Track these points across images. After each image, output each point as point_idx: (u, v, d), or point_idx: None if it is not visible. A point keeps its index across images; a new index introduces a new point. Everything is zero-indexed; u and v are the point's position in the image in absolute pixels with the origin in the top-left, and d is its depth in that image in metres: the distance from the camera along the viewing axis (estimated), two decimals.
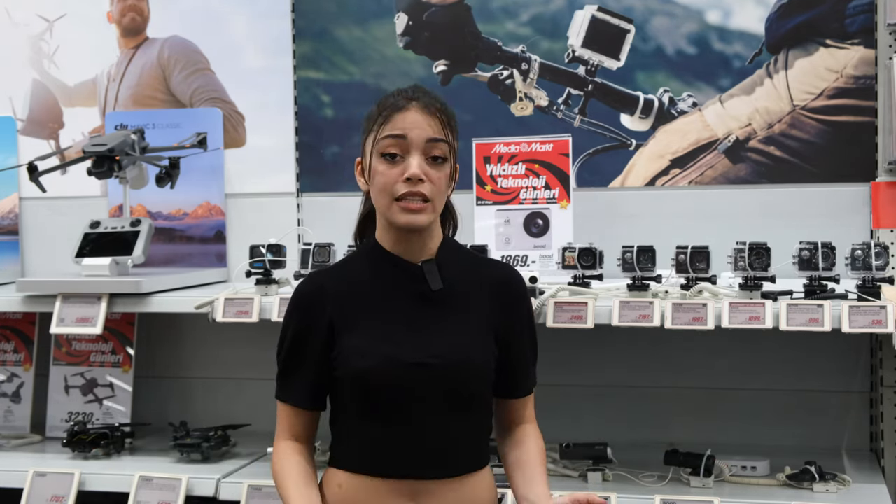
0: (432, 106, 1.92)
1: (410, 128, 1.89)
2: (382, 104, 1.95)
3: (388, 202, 1.90)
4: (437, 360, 1.89)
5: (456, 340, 1.93)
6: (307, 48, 3.21)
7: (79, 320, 2.74)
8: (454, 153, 1.96)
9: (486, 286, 1.99)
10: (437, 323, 1.93)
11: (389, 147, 1.90)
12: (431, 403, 1.89)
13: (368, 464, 1.92)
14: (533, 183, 2.83)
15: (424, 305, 1.94)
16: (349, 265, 2.03)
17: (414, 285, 1.94)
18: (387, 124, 1.91)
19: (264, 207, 3.23)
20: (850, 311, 2.26)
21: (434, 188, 1.90)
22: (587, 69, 3.02)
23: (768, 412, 2.88)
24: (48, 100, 3.44)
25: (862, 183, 2.82)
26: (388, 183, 1.89)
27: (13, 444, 3.08)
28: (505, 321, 1.99)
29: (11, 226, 3.44)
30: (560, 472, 2.61)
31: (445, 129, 1.93)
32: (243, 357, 3.20)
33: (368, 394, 1.90)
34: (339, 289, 1.96)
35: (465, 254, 2.06)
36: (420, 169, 1.88)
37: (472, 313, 1.96)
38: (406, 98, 1.92)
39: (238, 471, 2.73)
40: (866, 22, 2.82)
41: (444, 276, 1.95)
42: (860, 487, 2.47)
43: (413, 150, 1.89)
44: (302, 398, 1.97)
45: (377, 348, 1.90)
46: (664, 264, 2.49)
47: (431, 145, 1.90)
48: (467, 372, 1.92)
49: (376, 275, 1.96)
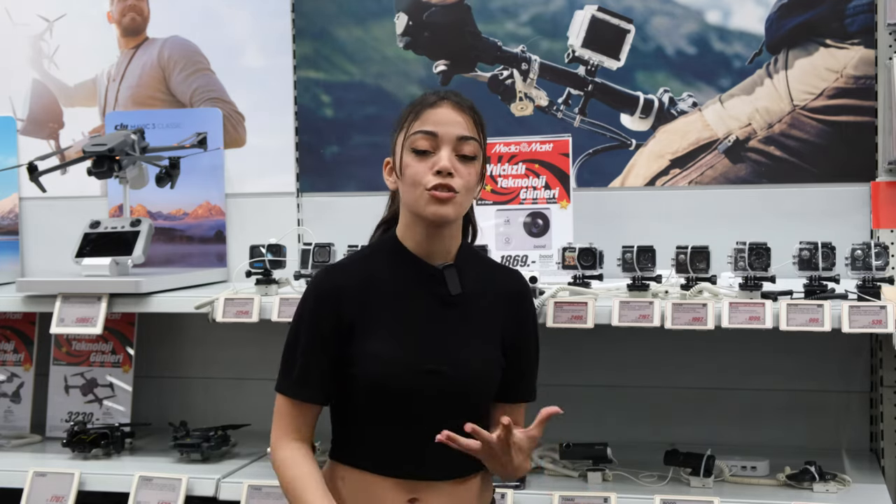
0: (464, 104, 1.94)
1: (441, 124, 1.91)
2: (414, 102, 1.97)
3: (419, 193, 1.89)
4: (449, 369, 1.91)
5: (469, 348, 1.93)
6: (307, 48, 3.21)
7: (79, 320, 2.74)
8: (484, 154, 1.97)
9: (499, 295, 2.00)
10: (452, 328, 1.94)
11: (420, 142, 1.91)
12: (439, 407, 1.90)
13: (372, 461, 1.93)
14: (533, 183, 2.83)
15: (442, 309, 1.94)
16: (368, 261, 2.00)
17: (433, 288, 1.95)
18: (417, 120, 1.92)
19: (264, 207, 3.23)
20: (850, 311, 2.26)
21: (463, 183, 1.90)
22: (587, 69, 3.02)
23: (768, 412, 2.88)
24: (48, 100, 3.44)
25: (862, 183, 2.82)
26: (418, 174, 1.90)
27: (13, 444, 3.08)
28: (514, 332, 2.00)
29: (11, 226, 3.44)
30: (560, 472, 2.61)
31: (476, 129, 1.94)
32: (243, 357, 3.20)
33: (379, 395, 1.90)
34: (360, 287, 1.95)
35: (481, 260, 2.07)
36: (450, 162, 1.89)
37: (485, 321, 1.97)
38: (438, 96, 1.94)
39: (238, 471, 2.73)
40: (866, 22, 2.82)
41: (462, 282, 1.96)
42: (860, 487, 2.47)
43: (443, 146, 1.90)
44: (312, 394, 1.95)
45: (394, 353, 1.90)
46: (664, 264, 2.49)
47: (462, 143, 1.91)
48: (477, 381, 1.94)
49: (396, 274, 1.96)
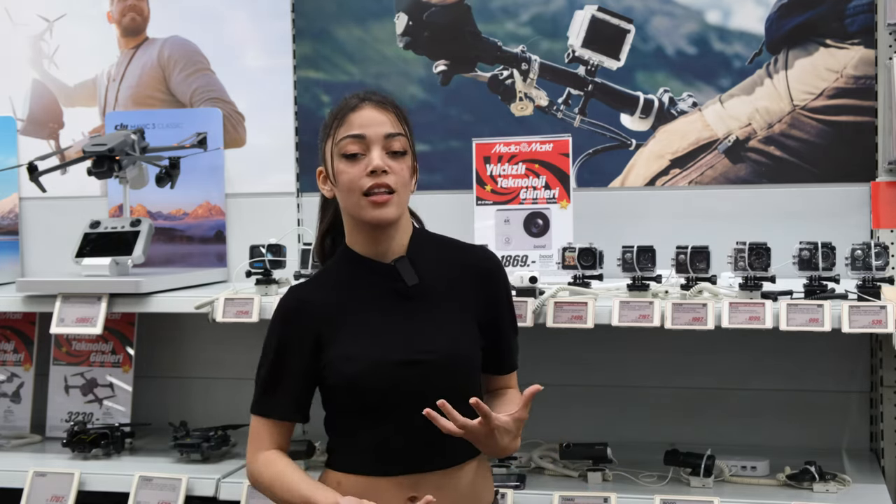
0: (386, 102, 1.97)
1: (367, 125, 1.93)
2: (336, 108, 1.98)
3: (357, 199, 1.92)
4: (424, 356, 1.91)
5: (441, 333, 1.94)
6: (307, 48, 3.21)
7: (79, 320, 2.74)
8: (412, 148, 1.99)
9: (463, 271, 2.01)
10: (419, 318, 1.95)
11: (349, 146, 1.92)
12: (423, 398, 1.89)
13: (367, 464, 1.93)
14: (533, 183, 2.83)
15: (405, 302, 1.96)
16: (326, 275, 2.04)
17: (391, 284, 1.96)
18: (343, 125, 1.94)
19: (264, 207, 3.23)
20: (850, 311, 2.26)
21: (398, 179, 1.93)
22: (587, 69, 3.02)
23: (768, 412, 2.88)
24: (48, 100, 3.44)
25: (862, 183, 2.82)
26: (353, 179, 1.92)
27: (13, 444, 3.08)
28: (485, 304, 2.01)
29: (11, 226, 3.44)
30: (560, 472, 2.61)
31: (402, 123, 1.96)
32: (243, 357, 3.16)
33: (360, 397, 1.91)
34: (321, 300, 1.98)
35: (438, 242, 2.07)
36: (382, 161, 1.91)
37: (453, 302, 1.98)
38: (359, 98, 1.96)
39: (238, 471, 2.72)
40: (866, 22, 2.82)
41: (418, 270, 1.97)
42: (860, 487, 2.47)
43: (373, 147, 1.92)
44: (287, 411, 1.99)
45: (364, 352, 1.92)
46: (664, 264, 2.49)
47: (390, 140, 1.93)
48: (455, 364, 1.94)
49: (354, 280, 1.98)
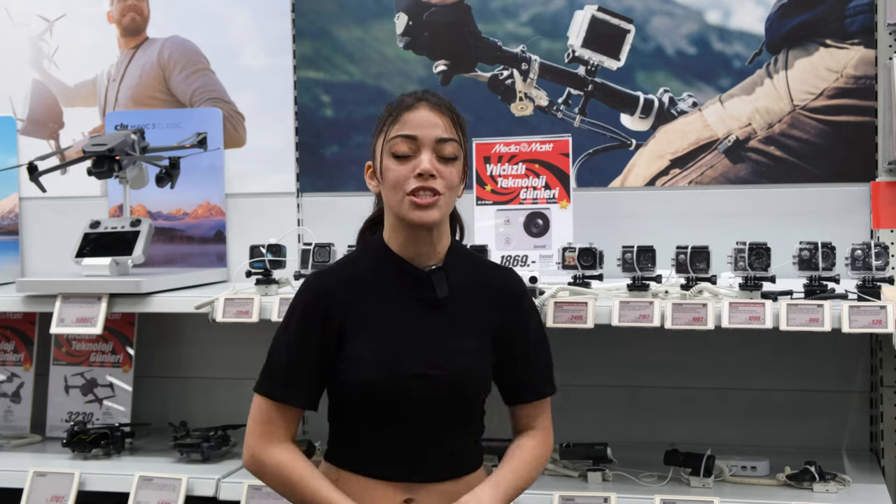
0: (442, 105, 1.93)
1: (421, 126, 1.89)
2: (392, 105, 1.95)
3: (401, 198, 1.89)
4: (438, 371, 1.90)
5: (457, 350, 1.93)
6: (307, 48, 3.21)
7: (79, 320, 2.74)
8: (465, 154, 1.96)
9: (492, 295, 1.99)
10: (440, 330, 1.93)
11: (400, 146, 1.89)
12: (430, 410, 1.90)
13: (366, 465, 1.93)
14: (533, 183, 2.83)
15: (429, 312, 1.94)
16: (356, 265, 2.00)
17: (420, 291, 1.94)
18: (396, 124, 1.91)
19: (264, 207, 3.23)
20: (850, 311, 2.26)
21: (445, 184, 1.89)
22: (587, 69, 3.02)
23: (768, 412, 2.88)
24: (48, 100, 3.44)
25: (862, 183, 2.82)
26: (399, 178, 1.88)
27: (13, 444, 3.08)
28: (505, 326, 1.99)
29: (11, 226, 3.44)
30: (560, 473, 2.61)
31: (455, 129, 1.93)
32: (243, 357, 3.18)
33: (370, 402, 1.90)
34: (347, 291, 1.95)
35: (471, 258, 2.06)
36: (431, 165, 1.87)
37: (474, 320, 1.96)
38: (415, 98, 1.93)
39: (238, 471, 2.72)
40: (866, 22, 2.82)
41: (450, 283, 1.95)
42: (860, 487, 2.47)
43: (423, 149, 1.89)
44: (306, 398, 1.95)
45: (381, 358, 1.90)
46: (664, 264, 2.49)
47: (442, 144, 1.90)
48: (466, 381, 1.93)
49: (383, 278, 1.95)
